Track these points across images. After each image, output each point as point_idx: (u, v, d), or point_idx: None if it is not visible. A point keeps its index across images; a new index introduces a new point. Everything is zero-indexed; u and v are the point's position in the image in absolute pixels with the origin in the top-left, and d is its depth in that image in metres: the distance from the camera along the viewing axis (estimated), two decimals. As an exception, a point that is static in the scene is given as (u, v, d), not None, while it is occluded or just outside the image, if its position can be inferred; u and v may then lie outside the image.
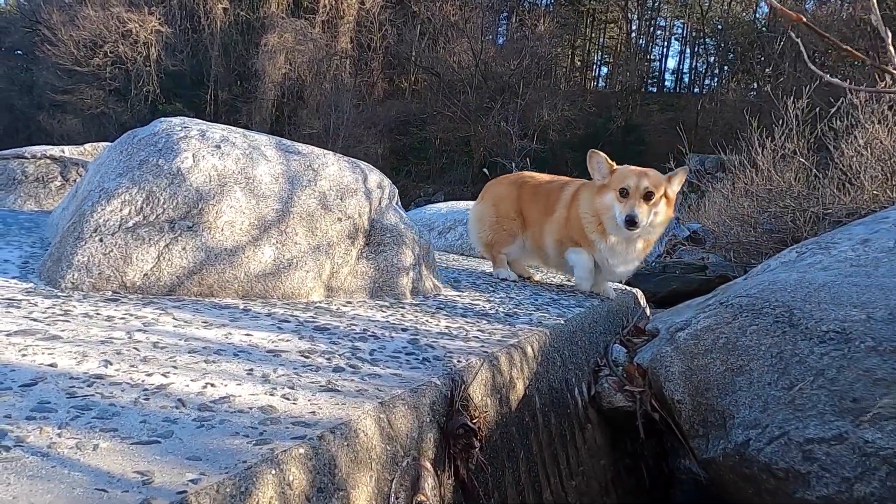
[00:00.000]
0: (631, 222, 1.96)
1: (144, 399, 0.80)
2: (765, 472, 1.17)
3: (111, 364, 0.91)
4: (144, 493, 0.57)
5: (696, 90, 31.14)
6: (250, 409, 0.81)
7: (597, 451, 1.69)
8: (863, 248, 1.87)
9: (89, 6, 28.29)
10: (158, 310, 1.29)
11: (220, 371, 0.95)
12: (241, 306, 1.43)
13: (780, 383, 1.31)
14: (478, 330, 1.50)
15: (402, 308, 1.66)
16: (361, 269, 1.79)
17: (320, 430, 0.76)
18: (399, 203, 2.20)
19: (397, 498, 0.83)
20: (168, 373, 0.91)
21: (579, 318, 1.91)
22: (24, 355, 0.91)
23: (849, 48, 0.90)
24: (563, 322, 1.76)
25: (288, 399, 0.86)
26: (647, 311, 2.87)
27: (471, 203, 4.17)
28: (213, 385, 0.88)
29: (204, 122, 1.88)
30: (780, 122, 6.95)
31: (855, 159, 6.09)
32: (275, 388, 0.90)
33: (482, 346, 1.32)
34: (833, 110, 6.49)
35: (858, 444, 1.06)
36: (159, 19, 29.07)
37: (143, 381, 0.87)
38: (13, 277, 1.41)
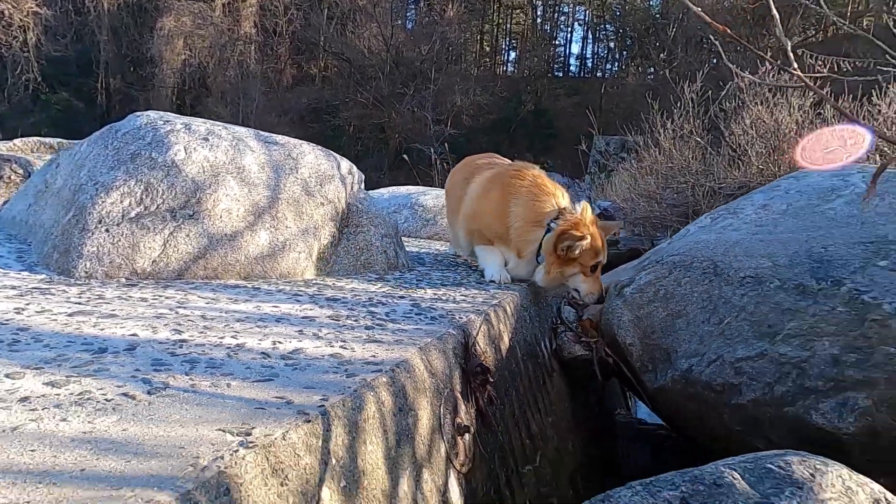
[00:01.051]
0: (600, 301, 1.96)
1: (234, 354, 0.95)
2: (706, 388, 1.47)
3: (183, 332, 1.05)
4: (294, 407, 0.74)
5: (600, 74, 32.52)
6: (323, 356, 0.98)
7: (562, 395, 1.96)
8: (763, 212, 2.25)
9: (-49, -15, 25.40)
10: (180, 291, 1.40)
11: (277, 332, 1.10)
12: (249, 286, 1.56)
13: (711, 321, 1.62)
14: (461, 295, 1.71)
15: (388, 282, 1.84)
16: (345, 249, 1.94)
17: (389, 366, 0.95)
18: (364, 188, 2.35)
19: (445, 418, 1.04)
20: (235, 335, 1.06)
21: (536, 285, 2.17)
22: (101, 329, 1.02)
23: (752, 48, 1.18)
24: (526, 286, 2.01)
25: (347, 349, 1.04)
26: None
27: (411, 188, 4.35)
28: (280, 342, 1.04)
29: (177, 115, 1.95)
30: (678, 104, 7.61)
31: (742, 137, 6.80)
32: (331, 342, 1.07)
33: (473, 307, 1.53)
34: (723, 94, 7.22)
35: (775, 357, 1.37)
36: (36, 0, 26.57)
37: (220, 342, 1.01)
38: (22, 270, 1.46)
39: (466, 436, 1.09)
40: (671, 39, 27.05)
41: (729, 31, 1.14)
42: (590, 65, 34.06)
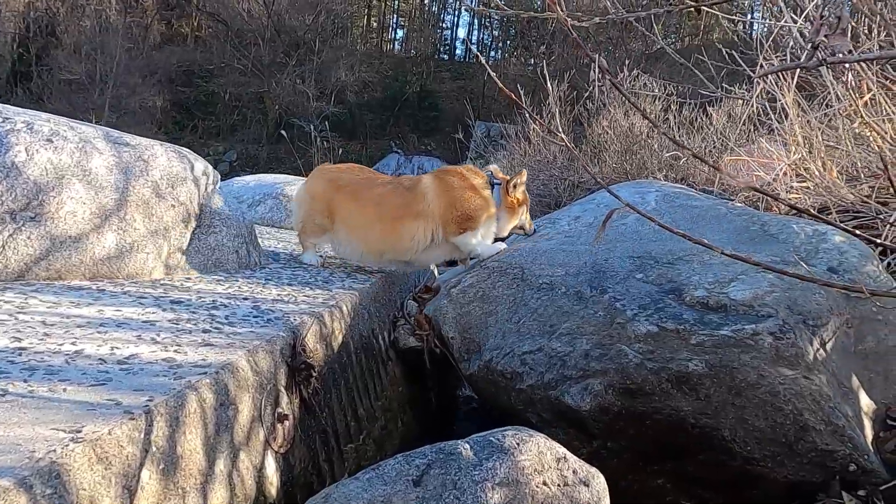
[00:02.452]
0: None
1: (72, 360, 1.10)
2: (500, 376, 1.81)
3: (23, 339, 1.16)
4: (122, 408, 0.92)
5: (484, 60, 33.23)
6: (157, 361, 1.16)
7: (396, 381, 2.25)
8: (575, 223, 2.68)
9: None
10: (20, 295, 1.48)
11: (116, 338, 1.25)
12: (94, 287, 1.66)
13: (512, 319, 1.97)
14: (304, 296, 1.92)
15: (237, 281, 2.00)
16: (196, 249, 2.06)
17: (215, 368, 1.15)
18: (219, 187, 2.46)
19: (266, 409, 1.26)
20: (75, 342, 1.19)
21: (380, 282, 2.43)
22: (-62, 338, 1.11)
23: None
24: (368, 285, 2.26)
25: (181, 353, 1.22)
26: (436, 272, 3.52)
27: (278, 177, 4.42)
28: (117, 348, 1.19)
29: (23, 110, 1.94)
30: (547, 101, 8.26)
31: (602, 136, 7.55)
32: (166, 347, 1.24)
33: (310, 308, 1.75)
34: (586, 95, 7.94)
35: (548, 351, 1.74)
36: None
37: (60, 349, 1.14)
38: None
39: (286, 422, 1.32)
40: (550, 34, 28.45)
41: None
42: (475, 50, 34.83)
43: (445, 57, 34.18)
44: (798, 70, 2.91)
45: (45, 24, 26.44)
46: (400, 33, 35.79)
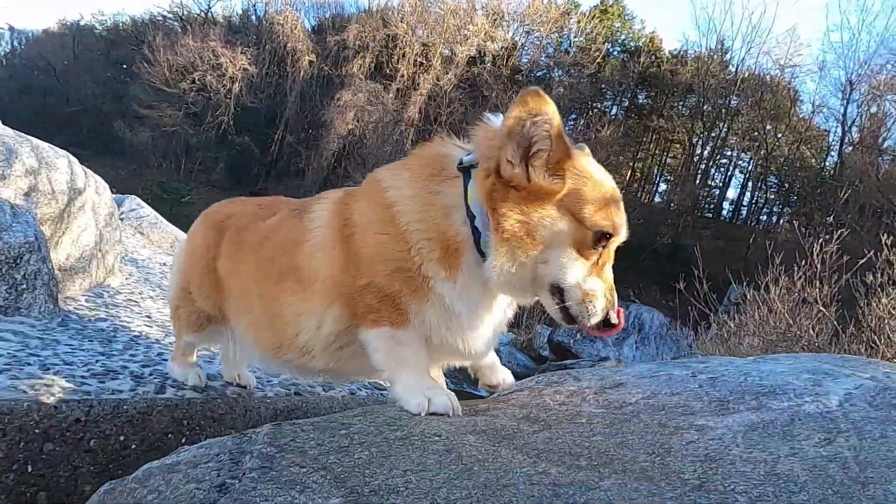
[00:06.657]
0: (609, 325, 1.03)
1: None
2: None
3: None
4: None
5: (752, 223, 30.31)
6: None
7: None
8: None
9: (190, 36, 30.58)
10: None
11: None
12: None
13: None
14: None
15: None
16: None
17: None
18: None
19: None
20: None
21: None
22: None
23: None
24: None
25: None
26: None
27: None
28: None
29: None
30: (804, 262, 6.59)
31: (886, 321, 5.46)
32: None
33: None
34: (860, 262, 5.99)
35: None
36: (249, 59, 31.00)
37: None
38: None
39: None
40: (841, 204, 24.55)
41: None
42: (744, 213, 31.78)
43: (710, 215, 31.82)
44: None
45: (357, 147, 32.18)
46: (663, 186, 34.87)
